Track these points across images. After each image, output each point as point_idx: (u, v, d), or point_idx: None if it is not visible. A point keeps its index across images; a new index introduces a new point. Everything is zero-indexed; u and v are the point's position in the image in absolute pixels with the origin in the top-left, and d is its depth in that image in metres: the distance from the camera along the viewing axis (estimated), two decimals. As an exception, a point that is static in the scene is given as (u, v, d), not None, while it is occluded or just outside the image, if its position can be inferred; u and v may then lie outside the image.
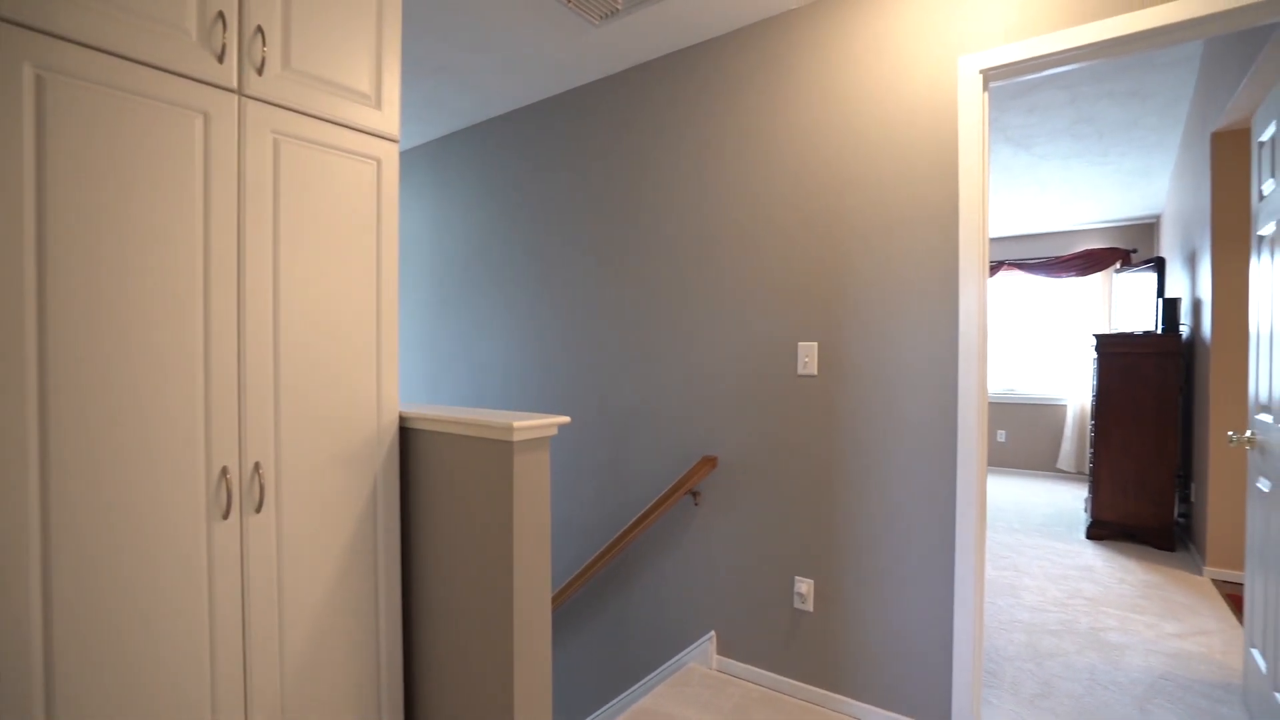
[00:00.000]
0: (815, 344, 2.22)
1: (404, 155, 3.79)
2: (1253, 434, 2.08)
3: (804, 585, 2.23)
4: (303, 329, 1.41)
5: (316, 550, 1.44)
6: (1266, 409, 1.98)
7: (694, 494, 2.50)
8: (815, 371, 2.22)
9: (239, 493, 1.30)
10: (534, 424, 1.43)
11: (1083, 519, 4.63)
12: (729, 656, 2.42)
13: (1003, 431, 6.50)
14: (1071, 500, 5.24)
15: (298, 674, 1.40)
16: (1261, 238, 2.08)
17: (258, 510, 1.33)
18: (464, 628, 1.50)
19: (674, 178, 2.59)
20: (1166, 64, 3.16)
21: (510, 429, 1.38)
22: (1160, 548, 3.90)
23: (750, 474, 2.37)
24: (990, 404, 6.52)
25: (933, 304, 1.99)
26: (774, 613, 2.31)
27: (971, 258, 1.92)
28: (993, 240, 6.64)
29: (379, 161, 1.55)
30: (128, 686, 1.16)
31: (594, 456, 2.85)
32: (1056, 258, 6.06)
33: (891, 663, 2.06)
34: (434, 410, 1.64)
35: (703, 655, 2.46)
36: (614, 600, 2.77)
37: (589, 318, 2.87)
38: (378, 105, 1.55)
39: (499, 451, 1.42)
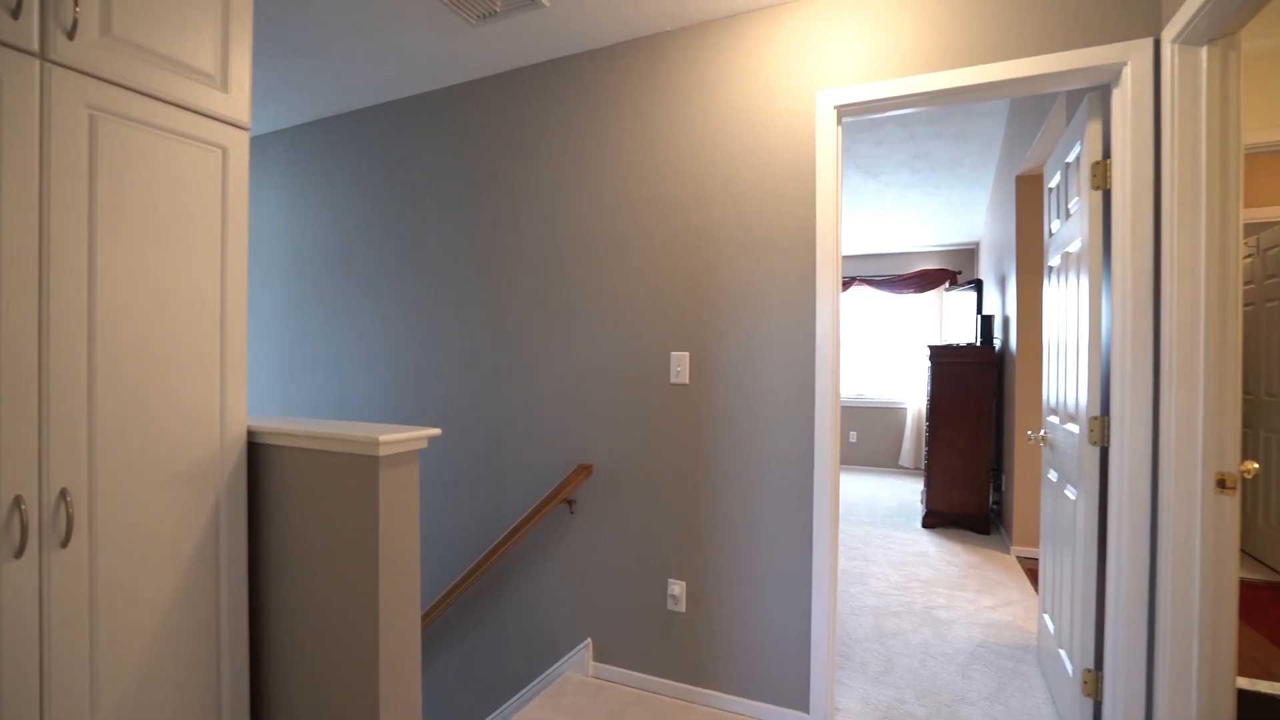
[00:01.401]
0: (688, 354, 2.31)
1: (259, 139, 3.45)
2: (1045, 433, 2.45)
3: (677, 587, 2.31)
4: (129, 333, 1.23)
5: (142, 588, 1.26)
6: (1054, 411, 2.34)
7: (570, 502, 2.50)
8: (688, 380, 2.30)
9: (37, 526, 1.11)
10: (402, 437, 1.36)
11: (919, 510, 5.20)
12: (605, 662, 2.44)
13: (854, 433, 7.12)
14: (910, 493, 5.86)
15: (114, 729, 1.22)
16: (1051, 267, 2.47)
17: (64, 544, 1.15)
18: (325, 658, 1.39)
19: (554, 185, 2.58)
20: (984, 113, 3.65)
21: (376, 443, 1.30)
22: (979, 532, 4.47)
23: (625, 481, 2.41)
24: (843, 408, 7.13)
25: (793, 316, 2.15)
26: (648, 616, 2.37)
27: (827, 274, 2.10)
28: (845, 258, 7.29)
29: (225, 150, 1.40)
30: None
31: (468, 467, 2.75)
32: (898, 276, 6.77)
33: (757, 655, 2.19)
34: (290, 423, 1.50)
35: (579, 663, 2.46)
36: (489, 613, 2.69)
37: (464, 323, 2.78)
38: (223, 87, 1.40)
39: (363, 467, 1.33)
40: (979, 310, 5.43)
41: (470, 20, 2.28)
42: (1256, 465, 2.78)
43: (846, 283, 7.05)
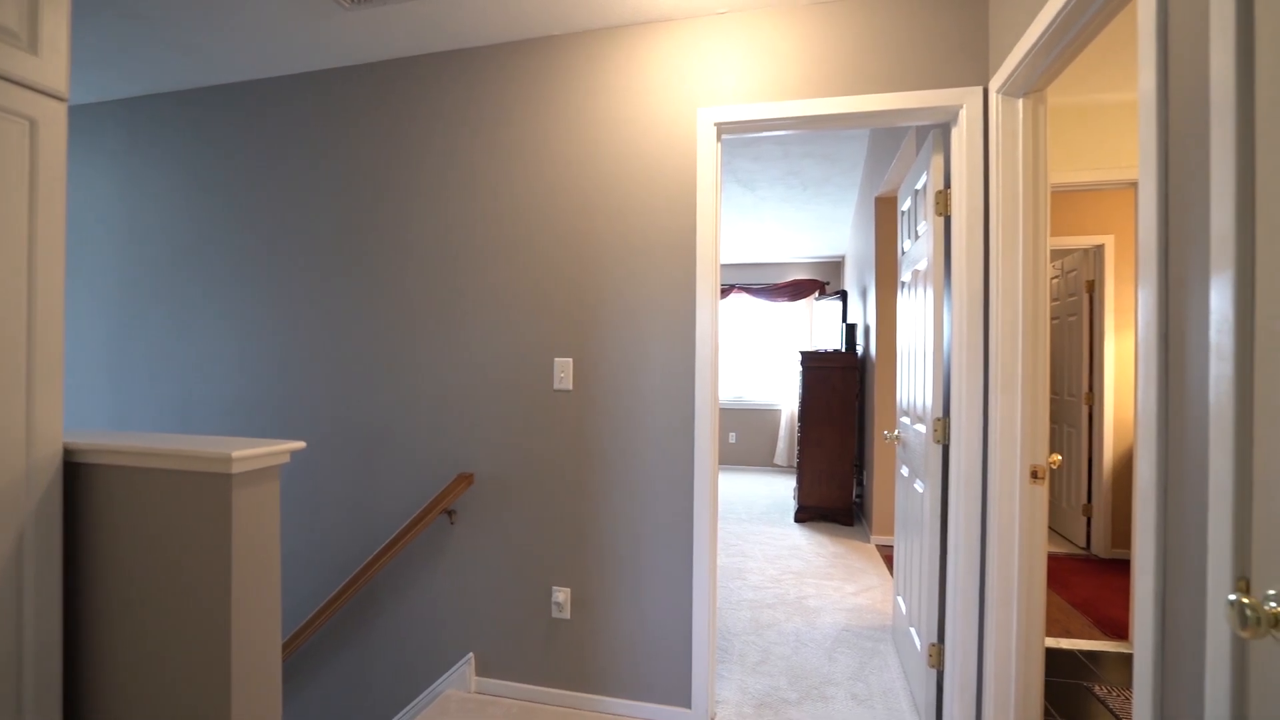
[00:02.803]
0: (571, 359, 2.31)
1: (89, 109, 2.99)
2: (898, 433, 2.71)
3: (561, 594, 2.29)
4: (-105, 336, 1.03)
5: (-86, 638, 1.05)
6: (906, 413, 2.60)
7: (450, 513, 2.41)
8: (571, 386, 2.30)
9: None
10: (259, 451, 1.24)
11: (792, 505, 5.54)
12: (489, 676, 2.38)
13: (733, 434, 7.46)
14: (784, 490, 6.23)
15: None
16: (904, 282, 2.74)
17: None
18: (169, 710, 1.23)
19: (435, 183, 2.47)
20: (848, 137, 3.97)
21: (228, 459, 1.18)
22: (844, 524, 4.85)
23: (508, 489, 2.37)
24: (722, 410, 7.45)
25: (674, 322, 2.22)
26: (533, 625, 2.33)
27: (707, 281, 2.19)
28: (724, 266, 7.62)
29: (33, 121, 1.21)
30: None
31: (338, 480, 2.57)
32: (773, 284, 7.19)
33: (642, 656, 2.23)
34: (121, 439, 1.32)
35: (461, 679, 2.37)
36: (364, 634, 2.52)
37: (334, 327, 2.59)
38: (31, 48, 1.21)
39: (213, 486, 1.20)
40: (844, 319, 5.90)
41: (343, 3, 2.13)
42: (1060, 457, 3.24)
43: (725, 290, 7.37)
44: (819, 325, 6.99)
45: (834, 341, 5.95)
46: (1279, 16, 0.78)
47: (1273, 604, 0.75)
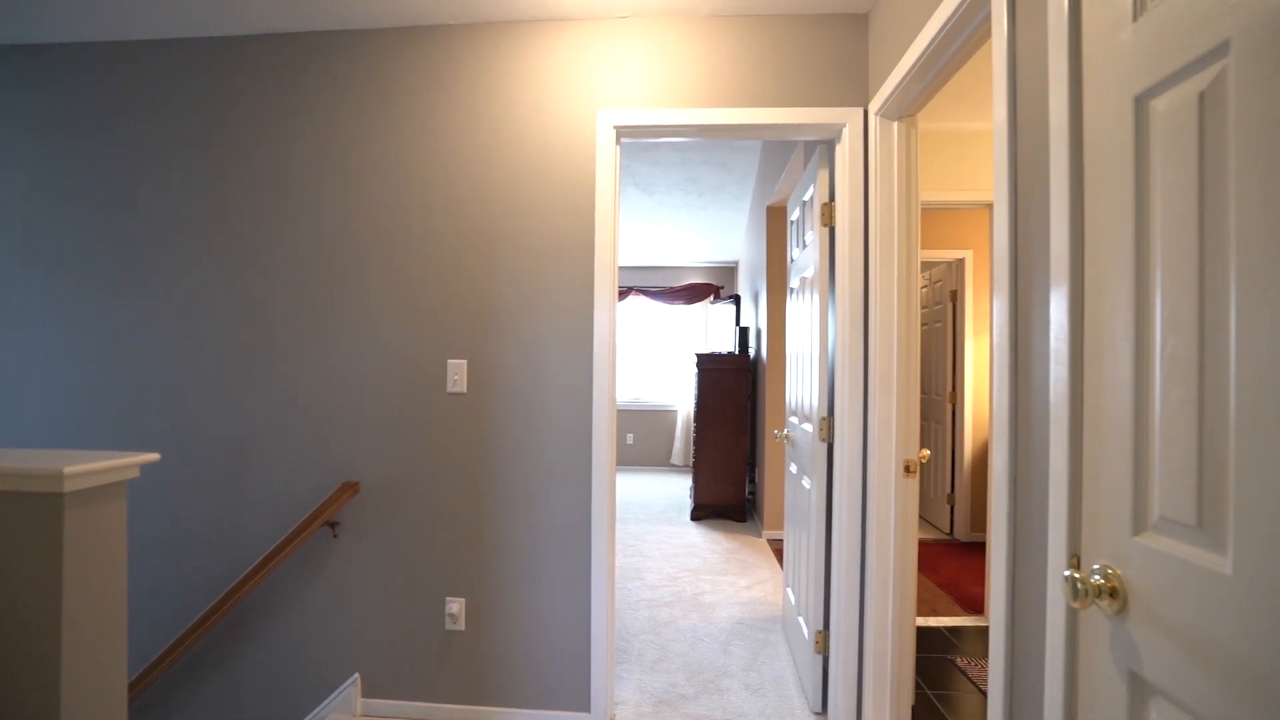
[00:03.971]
0: (465, 361, 2.23)
1: None
2: (788, 432, 2.85)
3: (455, 605, 2.21)
4: None
5: None
6: (795, 413, 2.74)
7: (332, 525, 2.25)
8: (465, 389, 2.23)
9: None
10: (100, 466, 1.09)
11: (689, 504, 5.68)
12: (377, 696, 2.24)
13: (631, 434, 7.54)
14: (681, 489, 6.38)
15: None
16: (792, 288, 2.89)
17: None
18: (-36, 767, 1.05)
19: (319, 172, 2.30)
20: (743, 148, 4.14)
21: (58, 476, 1.03)
22: (738, 520, 5.04)
23: (397, 498, 2.25)
24: (620, 411, 7.52)
25: (573, 323, 2.20)
26: (425, 639, 2.23)
27: (605, 283, 2.19)
28: (622, 268, 7.70)
29: None
30: None
31: (201, 494, 2.32)
32: (670, 287, 7.35)
33: (541, 662, 2.19)
34: (-91, 456, 1.11)
35: (345, 702, 2.22)
36: (235, 660, 2.29)
37: (198, 326, 2.33)
38: None
39: (40, 507, 1.04)
40: (738, 322, 6.14)
41: (206, -34, 1.93)
42: (929, 452, 3.54)
43: (623, 292, 7.44)
44: (714, 328, 7.23)
45: (728, 344, 6.18)
46: (1103, 70, 0.91)
47: (1096, 577, 0.86)
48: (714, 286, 7.30)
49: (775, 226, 4.57)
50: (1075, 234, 0.96)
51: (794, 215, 2.89)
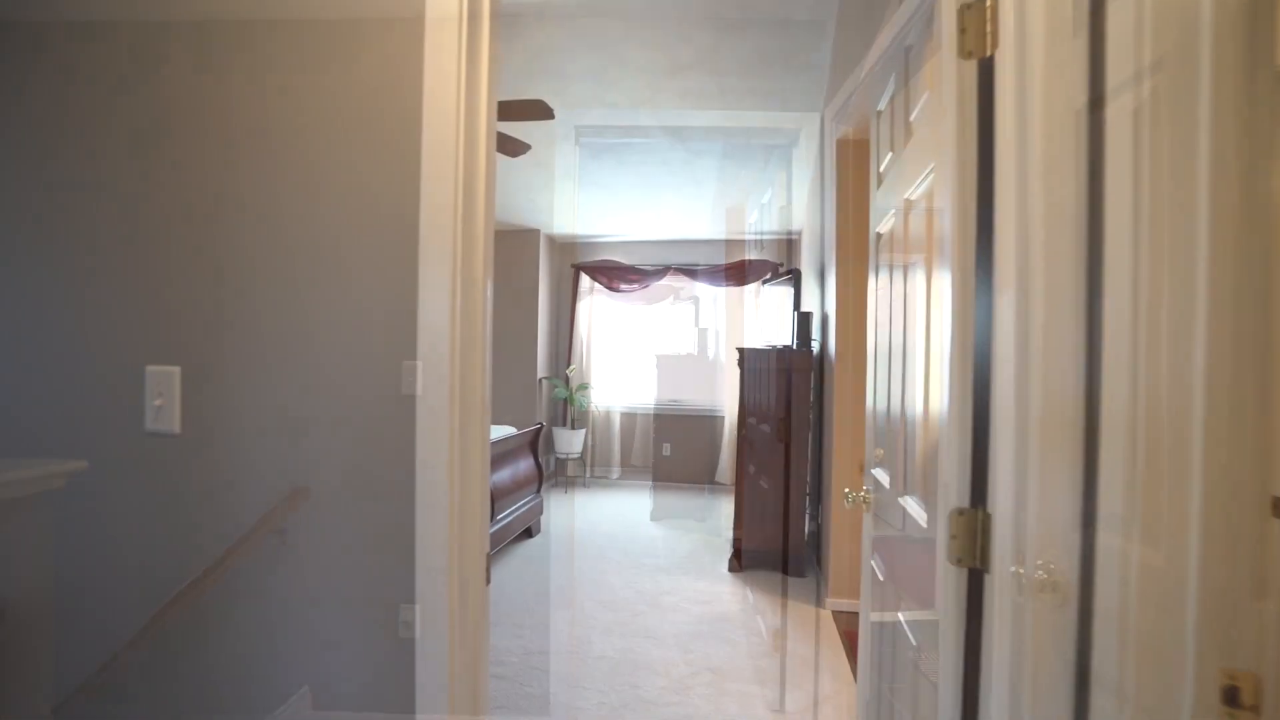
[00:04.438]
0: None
1: None
2: (866, 492, 1.56)
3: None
4: None
5: None
6: (881, 463, 1.45)
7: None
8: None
9: None
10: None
11: (726, 545, 4.40)
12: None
13: (667, 444, 6.32)
14: (720, 519, 5.07)
15: None
16: (878, 234, 1.59)
17: None
18: None
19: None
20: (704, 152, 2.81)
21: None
22: (793, 575, 3.72)
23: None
24: (656, 415, 6.29)
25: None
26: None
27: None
28: (657, 243, 6.40)
29: None
30: None
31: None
32: (716, 265, 6.06)
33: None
34: None
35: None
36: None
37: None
38: None
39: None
40: (796, 307, 4.78)
41: None
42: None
43: (659, 271, 6.23)
44: (767, 314, 5.87)
45: (785, 335, 4.82)
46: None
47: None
48: (771, 263, 5.94)
49: (850, 167, 3.20)
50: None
51: (882, 104, 1.62)
